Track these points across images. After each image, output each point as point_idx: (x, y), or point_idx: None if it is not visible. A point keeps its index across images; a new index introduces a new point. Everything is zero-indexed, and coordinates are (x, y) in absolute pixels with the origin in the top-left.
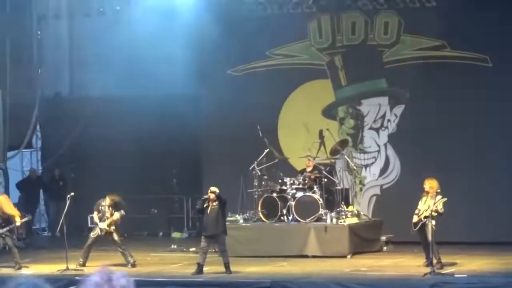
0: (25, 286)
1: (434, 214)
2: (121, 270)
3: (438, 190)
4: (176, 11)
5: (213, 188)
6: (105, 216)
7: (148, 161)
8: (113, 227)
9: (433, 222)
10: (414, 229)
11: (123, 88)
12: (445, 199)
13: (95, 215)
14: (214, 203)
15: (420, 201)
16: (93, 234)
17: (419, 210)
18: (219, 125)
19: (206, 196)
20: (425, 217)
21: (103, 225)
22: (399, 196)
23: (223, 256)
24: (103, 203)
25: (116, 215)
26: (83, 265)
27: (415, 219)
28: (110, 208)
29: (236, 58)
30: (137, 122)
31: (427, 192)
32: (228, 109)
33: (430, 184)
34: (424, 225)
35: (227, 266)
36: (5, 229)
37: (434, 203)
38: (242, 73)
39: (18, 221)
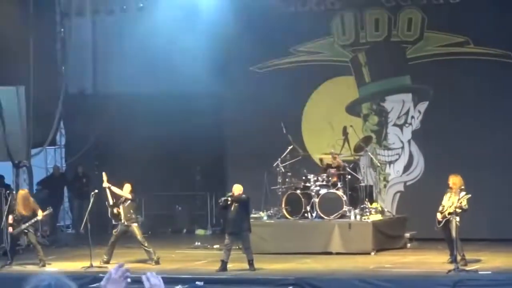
0: (47, 282)
1: (458, 210)
2: (149, 268)
3: (462, 187)
4: (198, 8)
5: (236, 187)
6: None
7: (171, 158)
8: (132, 219)
9: (457, 218)
10: (438, 226)
11: (147, 85)
12: (469, 195)
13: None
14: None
15: (444, 198)
16: (115, 231)
17: (443, 206)
18: (243, 122)
19: (229, 194)
20: (449, 213)
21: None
22: (423, 192)
23: (247, 253)
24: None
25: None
26: (107, 262)
27: (439, 215)
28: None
29: (259, 55)
30: (161, 119)
31: (451, 189)
32: (251, 106)
33: (453, 181)
34: (448, 222)
35: (251, 263)
36: (27, 224)
37: (458, 200)
38: (265, 70)
39: (40, 215)
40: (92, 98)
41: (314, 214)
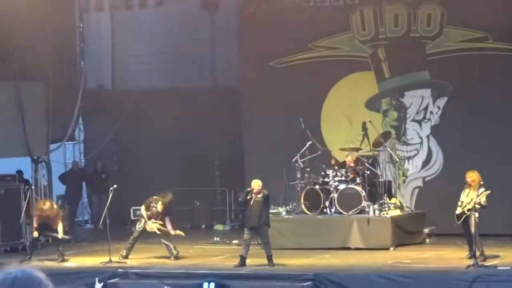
0: (14, 275)
1: (477, 206)
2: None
3: (481, 182)
4: (217, 3)
5: (255, 182)
6: (154, 219)
7: (190, 154)
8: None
9: (476, 214)
10: (458, 222)
11: (165, 81)
12: (489, 191)
13: (143, 210)
14: (258, 195)
15: (462, 193)
16: (138, 227)
17: (462, 202)
18: (262, 117)
19: (249, 189)
20: (468, 209)
21: (153, 226)
22: (442, 188)
23: (266, 249)
24: (155, 204)
25: (169, 225)
26: (126, 257)
27: (458, 211)
28: (162, 213)
29: (278, 50)
30: (179, 115)
31: (469, 185)
32: (270, 101)
33: (472, 177)
34: (467, 218)
35: (269, 258)
36: (49, 233)
37: (477, 196)
38: (284, 65)
39: (60, 235)
40: (111, 94)
41: (333, 210)
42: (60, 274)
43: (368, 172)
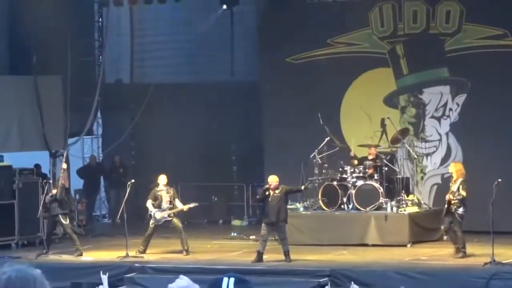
0: (8, 275)
1: (457, 203)
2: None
3: (457, 174)
4: None
5: (272, 178)
6: (163, 203)
7: (208, 149)
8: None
9: (460, 210)
10: (445, 216)
11: (184, 75)
12: (461, 179)
13: (150, 204)
14: (276, 191)
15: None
16: (151, 224)
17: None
18: (280, 113)
19: (267, 186)
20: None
21: (162, 214)
22: None
23: (283, 244)
24: (157, 188)
25: (179, 205)
26: (143, 252)
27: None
28: (167, 188)
29: (296, 46)
30: (197, 109)
31: (451, 177)
32: (288, 97)
33: (450, 169)
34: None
35: (286, 254)
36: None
37: (457, 189)
38: (302, 61)
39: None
40: (129, 88)
41: (350, 206)
42: (77, 268)
43: (386, 169)
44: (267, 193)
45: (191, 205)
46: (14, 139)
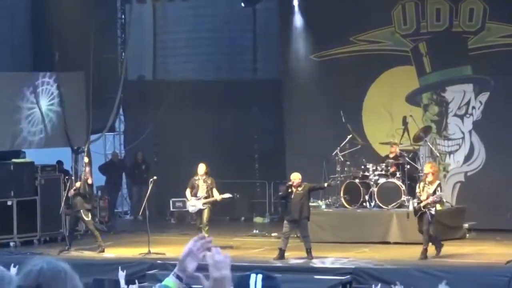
0: (39, 266)
1: (436, 204)
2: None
3: (433, 176)
4: None
5: (295, 175)
6: (199, 192)
7: (230, 146)
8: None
9: (432, 211)
10: (415, 216)
11: (206, 72)
12: (438, 181)
13: (187, 192)
14: (299, 188)
15: (418, 187)
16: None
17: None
18: (302, 110)
19: (289, 183)
20: (424, 206)
21: (197, 202)
22: (484, 183)
23: (305, 242)
24: (195, 177)
25: (216, 194)
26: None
27: (416, 206)
28: (205, 178)
29: (319, 43)
30: (220, 106)
31: (425, 177)
32: (310, 94)
33: (433, 169)
34: (423, 214)
35: (308, 251)
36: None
37: (434, 191)
38: (324, 59)
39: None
40: (151, 85)
41: (372, 204)
42: (99, 264)
43: (408, 167)
44: (289, 190)
45: (225, 195)
46: (36, 135)
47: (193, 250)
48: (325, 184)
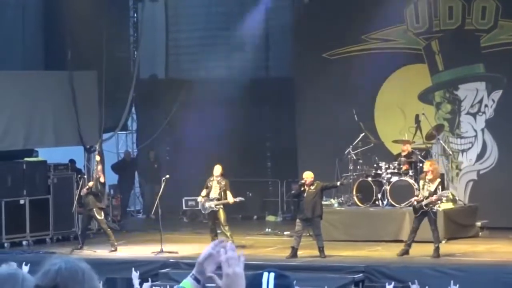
0: (58, 265)
1: (440, 201)
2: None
3: (433, 174)
4: None
5: (307, 174)
6: (212, 193)
7: (242, 145)
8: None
9: (435, 209)
10: (415, 215)
11: (218, 71)
12: (439, 179)
13: (203, 192)
14: (311, 187)
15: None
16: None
17: (420, 195)
18: (315, 109)
19: (302, 181)
20: (426, 205)
21: (210, 204)
22: (496, 181)
23: (318, 240)
24: (210, 178)
25: (230, 197)
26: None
27: (416, 204)
28: (219, 179)
29: (332, 42)
30: (232, 105)
31: (425, 175)
32: (323, 93)
33: (433, 168)
34: (424, 213)
35: (321, 249)
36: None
37: (436, 189)
38: (337, 57)
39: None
40: (164, 83)
41: (385, 202)
42: (111, 263)
43: (421, 165)
44: (302, 189)
45: (237, 199)
46: (49, 134)
47: (213, 253)
48: (338, 183)
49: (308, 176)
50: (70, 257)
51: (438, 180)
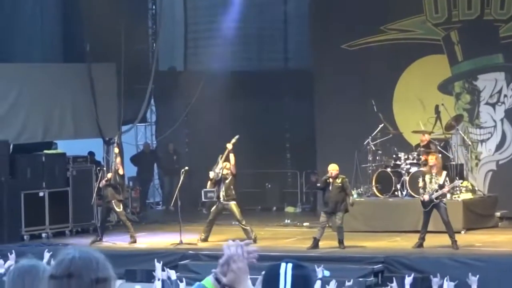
0: (72, 255)
1: (450, 192)
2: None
3: (437, 167)
4: None
5: (333, 167)
6: (218, 166)
7: (262, 136)
8: (231, 195)
9: (444, 200)
10: (425, 209)
11: (237, 62)
12: (445, 172)
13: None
14: (336, 180)
15: (421, 179)
16: (213, 209)
17: (427, 188)
18: (334, 100)
19: (328, 175)
20: (437, 197)
21: (217, 169)
22: None
23: (338, 232)
24: (219, 159)
25: (232, 159)
26: (205, 240)
27: (425, 198)
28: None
29: (350, 33)
30: (251, 97)
31: (431, 169)
32: (342, 83)
33: (437, 160)
34: (434, 206)
35: (341, 241)
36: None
37: (444, 181)
38: (356, 48)
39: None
40: (183, 75)
41: (404, 192)
42: (131, 255)
43: (440, 155)
44: (327, 181)
45: (233, 140)
46: (68, 127)
47: (233, 257)
48: (351, 199)
49: (333, 168)
50: (84, 246)
51: (444, 172)
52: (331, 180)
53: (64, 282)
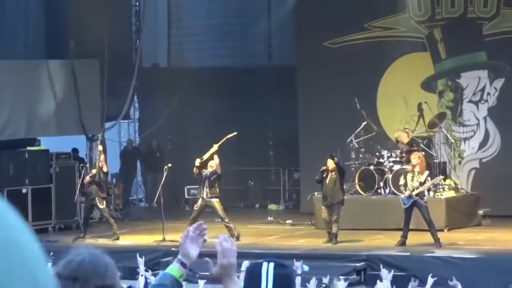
0: (82, 257)
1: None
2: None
3: (421, 166)
4: None
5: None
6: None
7: (244, 133)
8: (215, 193)
9: (425, 199)
10: (404, 207)
11: (221, 59)
12: (427, 171)
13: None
14: (333, 173)
15: (403, 178)
16: (196, 207)
17: (409, 186)
18: (317, 97)
19: (324, 167)
20: (417, 194)
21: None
22: (499, 170)
23: (333, 226)
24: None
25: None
26: None
27: (407, 194)
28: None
29: (333, 30)
30: (234, 94)
31: (413, 167)
32: (325, 81)
33: (420, 159)
34: (415, 203)
35: (334, 236)
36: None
37: (425, 180)
38: (339, 45)
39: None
40: (166, 72)
41: (387, 190)
42: (113, 252)
43: (423, 153)
44: (324, 175)
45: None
46: (51, 123)
47: (193, 235)
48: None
49: (330, 162)
50: (96, 249)
51: (427, 172)
52: (328, 173)
53: (68, 284)
